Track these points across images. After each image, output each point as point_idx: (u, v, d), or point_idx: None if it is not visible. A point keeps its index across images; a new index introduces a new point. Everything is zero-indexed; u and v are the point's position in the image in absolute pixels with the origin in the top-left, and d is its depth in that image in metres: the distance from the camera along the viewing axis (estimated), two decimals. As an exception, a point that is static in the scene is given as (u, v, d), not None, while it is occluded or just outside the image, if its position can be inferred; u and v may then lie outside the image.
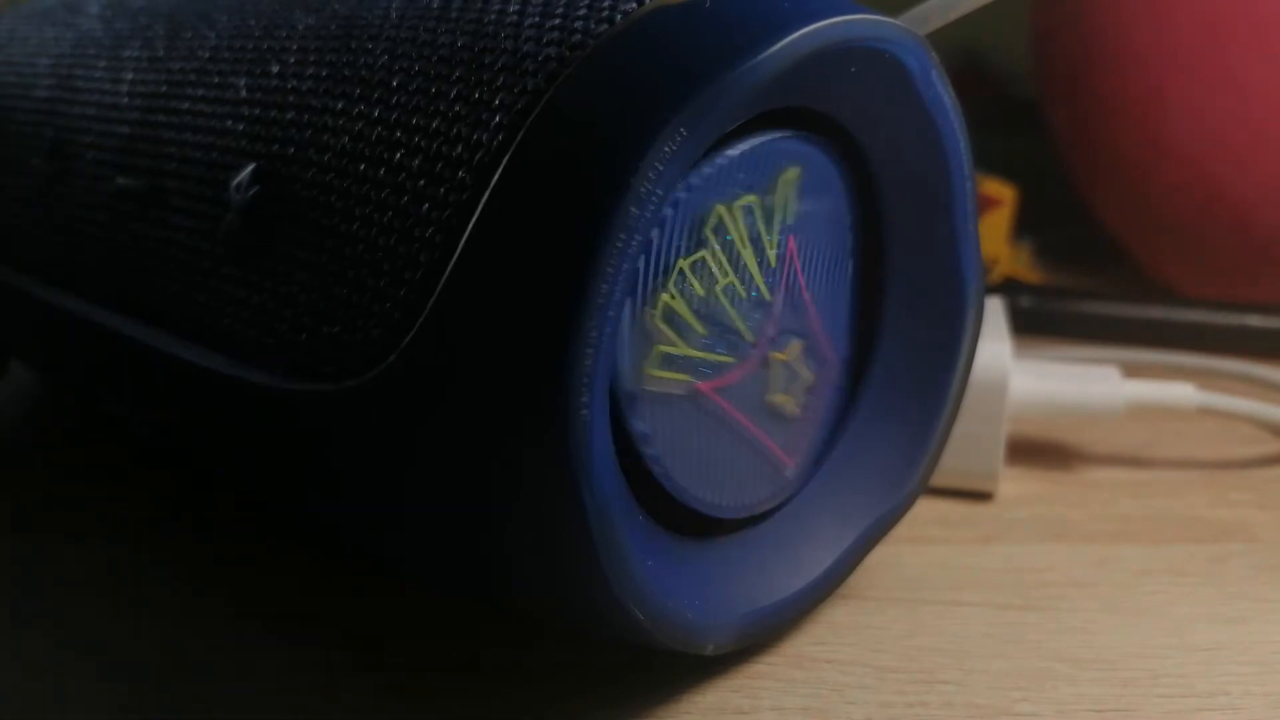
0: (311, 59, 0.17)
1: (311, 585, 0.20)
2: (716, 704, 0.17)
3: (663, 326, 0.15)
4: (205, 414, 0.18)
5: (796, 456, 0.18)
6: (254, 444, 0.18)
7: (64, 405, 0.28)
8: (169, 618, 0.19)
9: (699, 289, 0.15)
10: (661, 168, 0.13)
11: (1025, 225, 0.40)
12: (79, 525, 0.22)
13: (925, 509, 0.23)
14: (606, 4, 0.14)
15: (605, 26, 0.14)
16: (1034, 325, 0.33)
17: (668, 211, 0.15)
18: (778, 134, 0.16)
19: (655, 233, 0.15)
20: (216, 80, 0.18)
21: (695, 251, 0.15)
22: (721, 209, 0.15)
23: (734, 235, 0.16)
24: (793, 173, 0.16)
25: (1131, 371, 0.26)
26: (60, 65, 0.22)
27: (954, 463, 0.22)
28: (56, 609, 0.19)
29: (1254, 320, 0.33)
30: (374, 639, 0.18)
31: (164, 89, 0.19)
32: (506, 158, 0.14)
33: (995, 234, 0.38)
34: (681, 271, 0.15)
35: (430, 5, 0.16)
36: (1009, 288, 0.35)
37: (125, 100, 0.20)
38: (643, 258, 0.14)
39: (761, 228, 0.16)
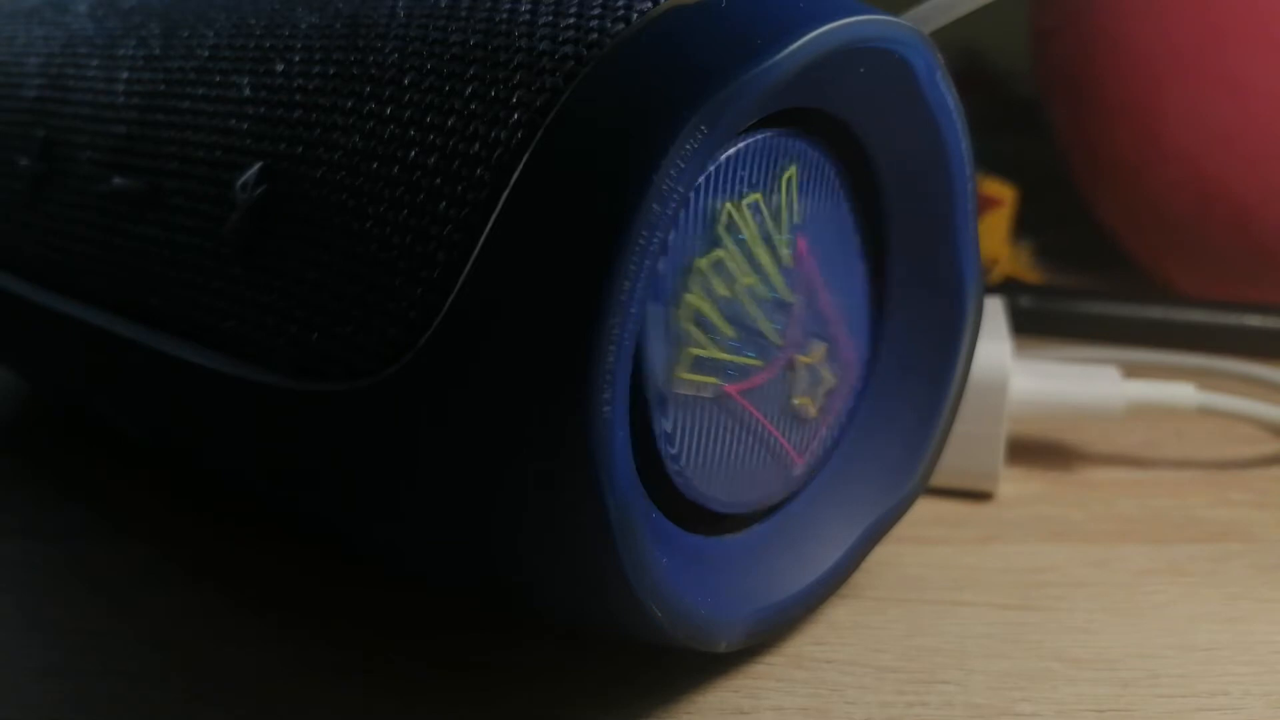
0: (318, 57, 0.17)
1: (314, 585, 0.20)
2: (716, 704, 0.17)
3: (691, 328, 0.15)
4: (208, 416, 0.18)
5: (807, 456, 0.18)
6: (259, 445, 0.18)
7: (58, 407, 0.28)
8: (169, 618, 0.19)
9: (721, 289, 0.15)
10: (684, 165, 0.13)
11: (1025, 225, 0.40)
12: (79, 526, 0.22)
13: (925, 509, 0.23)
14: (621, 3, 0.15)
15: (621, 26, 0.14)
16: (1034, 325, 0.33)
17: (680, 212, 0.15)
18: (773, 132, 0.16)
19: (671, 234, 0.15)
20: (218, 79, 0.18)
21: (711, 251, 0.15)
22: (730, 207, 0.15)
23: (746, 234, 0.16)
24: (791, 170, 0.16)
25: (1131, 371, 0.26)
26: (51, 64, 0.22)
27: (954, 463, 0.22)
28: (57, 610, 0.19)
29: (1254, 320, 0.33)
30: (376, 639, 0.18)
31: (162, 88, 0.19)
32: (526, 155, 0.14)
33: (995, 234, 0.38)
34: (701, 271, 0.15)
35: (438, 4, 0.16)
36: (1009, 288, 0.35)
37: (121, 99, 0.20)
38: (662, 259, 0.15)
39: (771, 226, 0.16)
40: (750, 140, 0.15)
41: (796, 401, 0.17)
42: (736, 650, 0.17)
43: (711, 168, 0.15)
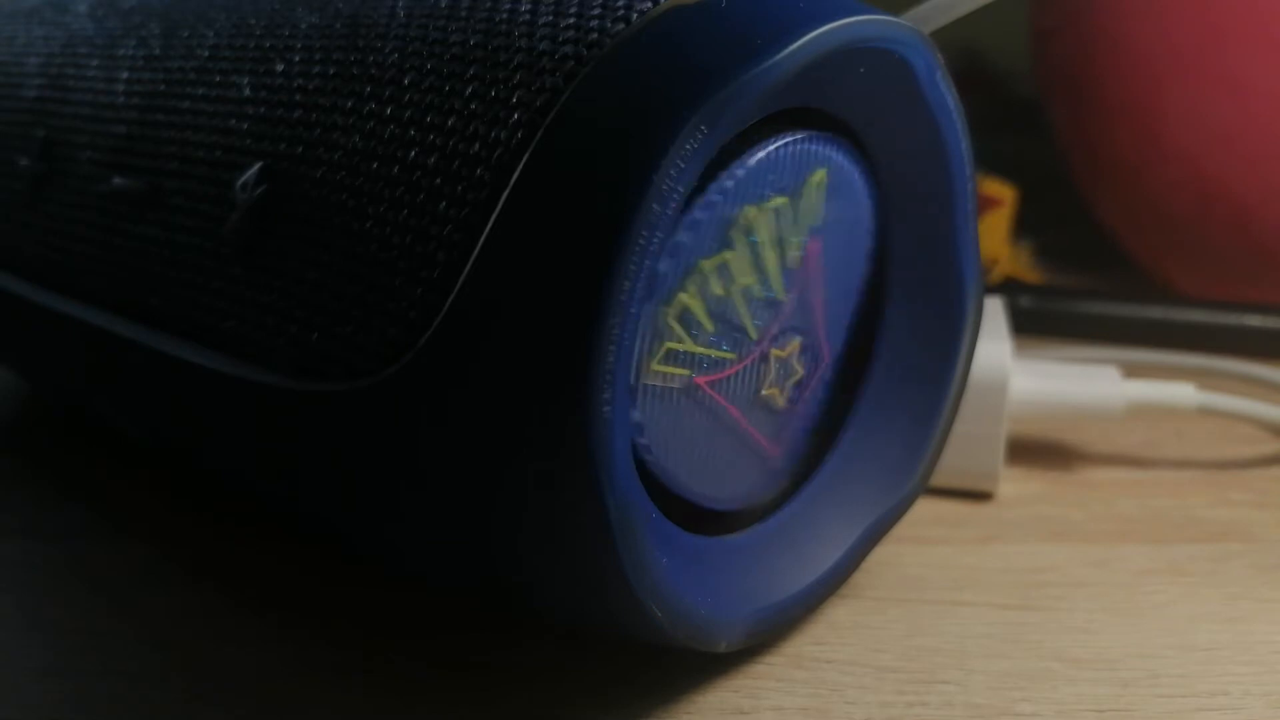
0: (318, 57, 0.17)
1: (314, 585, 0.20)
2: (716, 704, 0.17)
3: (675, 325, 0.15)
4: (207, 416, 0.18)
5: (781, 447, 0.18)
6: (259, 445, 0.18)
7: (58, 407, 0.28)
8: (169, 618, 0.19)
9: (718, 289, 0.15)
10: (684, 165, 0.13)
11: (1025, 225, 0.40)
12: (79, 526, 0.22)
13: (925, 509, 0.23)
14: (621, 3, 0.15)
15: (621, 26, 0.14)
16: (1034, 325, 0.33)
17: (700, 215, 0.15)
18: (798, 135, 0.16)
19: (687, 235, 0.15)
20: (218, 79, 0.18)
21: (720, 253, 0.15)
22: (752, 211, 0.15)
23: (761, 237, 0.16)
24: (820, 175, 0.16)
25: (1131, 371, 0.26)
26: (51, 64, 0.22)
27: (954, 463, 0.22)
28: (57, 610, 0.19)
29: (1254, 320, 0.33)
30: (376, 639, 0.18)
31: (162, 88, 0.19)
32: (526, 155, 0.14)
33: (995, 234, 0.38)
34: (703, 272, 0.15)
35: (438, 4, 0.16)
36: (1009, 288, 0.35)
37: (121, 99, 0.20)
38: (670, 259, 0.15)
39: (789, 230, 0.16)
40: (778, 144, 0.15)
41: (765, 392, 0.17)
42: (736, 650, 0.17)
43: (740, 172, 0.15)
